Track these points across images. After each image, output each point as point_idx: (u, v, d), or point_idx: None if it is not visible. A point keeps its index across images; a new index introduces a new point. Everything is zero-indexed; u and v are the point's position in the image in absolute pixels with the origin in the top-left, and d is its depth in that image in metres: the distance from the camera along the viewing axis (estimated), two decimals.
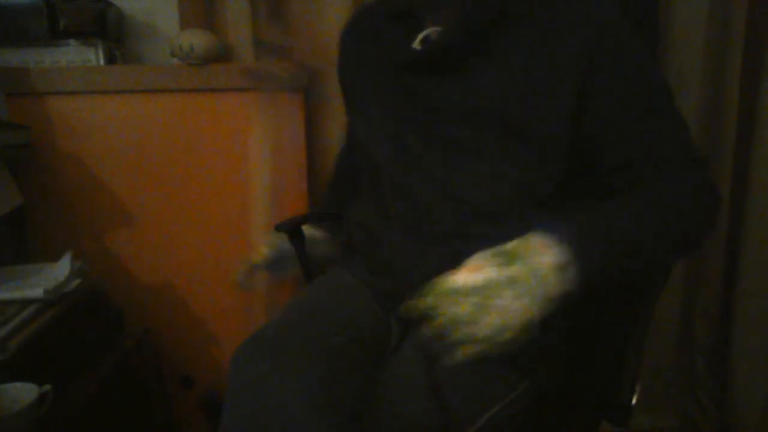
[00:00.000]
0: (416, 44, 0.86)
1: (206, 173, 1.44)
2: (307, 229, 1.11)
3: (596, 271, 0.67)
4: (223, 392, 0.75)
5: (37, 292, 1.12)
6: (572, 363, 0.88)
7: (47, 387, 0.98)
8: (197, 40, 1.38)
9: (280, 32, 1.56)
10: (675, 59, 1.53)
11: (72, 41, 1.40)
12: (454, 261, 0.69)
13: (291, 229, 1.29)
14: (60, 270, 1.22)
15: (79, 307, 1.21)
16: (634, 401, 0.89)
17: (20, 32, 1.37)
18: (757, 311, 1.57)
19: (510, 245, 0.67)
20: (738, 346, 1.61)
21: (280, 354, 0.74)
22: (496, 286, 0.63)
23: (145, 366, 1.42)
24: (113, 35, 1.47)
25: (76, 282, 1.22)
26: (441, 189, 0.83)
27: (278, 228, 1.29)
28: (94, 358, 1.24)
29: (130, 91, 1.41)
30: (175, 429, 1.54)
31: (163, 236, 1.46)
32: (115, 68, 1.44)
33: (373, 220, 0.93)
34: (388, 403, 0.76)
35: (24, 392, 0.97)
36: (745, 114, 1.54)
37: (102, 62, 1.42)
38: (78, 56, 1.41)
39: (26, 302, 1.11)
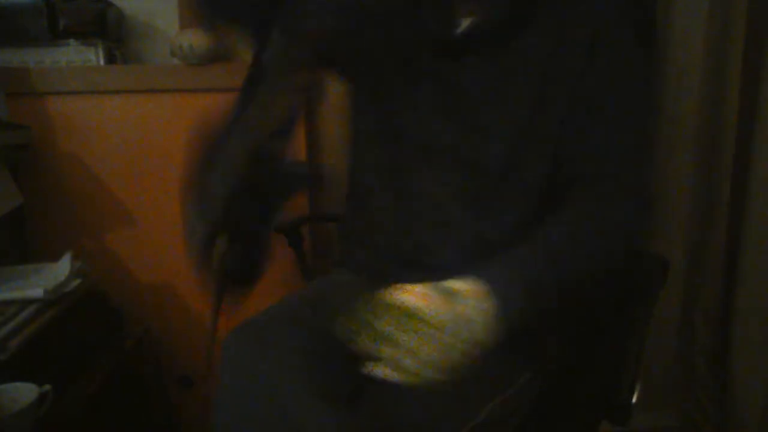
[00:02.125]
0: (462, 27, 0.84)
1: None
2: None
3: (515, 320, 0.67)
4: None
5: (37, 292, 1.12)
6: (573, 362, 0.89)
7: (47, 387, 0.98)
8: (197, 40, 1.38)
9: None
10: (675, 59, 1.53)
11: (72, 41, 1.39)
12: None
13: (291, 229, 1.29)
14: (60, 270, 1.22)
15: (79, 307, 1.21)
16: (634, 401, 0.89)
17: (20, 32, 1.37)
18: (757, 311, 1.57)
19: (449, 284, 0.66)
20: (738, 346, 1.61)
21: (270, 336, 0.75)
22: (435, 317, 0.62)
23: (145, 366, 1.42)
24: (113, 35, 1.47)
25: (76, 282, 1.22)
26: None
27: (277, 229, 1.29)
28: (94, 358, 1.24)
29: (130, 91, 1.41)
30: (175, 429, 1.54)
31: (163, 236, 1.46)
32: (115, 68, 1.44)
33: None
34: (385, 401, 0.76)
35: (24, 392, 0.97)
36: (745, 114, 1.54)
37: (102, 62, 1.42)
38: (78, 56, 1.41)
39: (26, 302, 1.11)
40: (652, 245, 1.59)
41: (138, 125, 1.43)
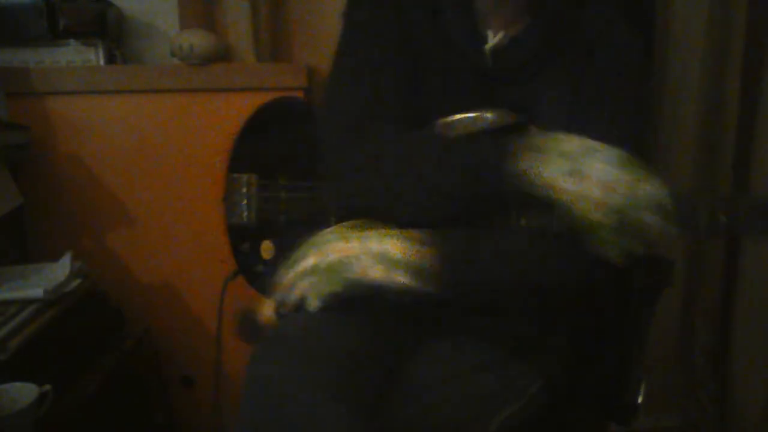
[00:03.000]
0: (489, 47, 0.83)
1: (206, 173, 1.44)
2: None
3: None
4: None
5: (37, 292, 1.12)
6: (579, 363, 0.89)
7: (47, 387, 0.98)
8: (197, 40, 1.38)
9: (280, 32, 1.57)
10: (675, 59, 1.53)
11: (72, 41, 1.39)
12: None
13: None
14: (60, 270, 1.22)
15: (79, 307, 1.21)
16: (639, 400, 0.89)
17: (20, 32, 1.37)
18: (757, 311, 1.57)
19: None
20: (738, 346, 1.61)
21: (300, 349, 0.72)
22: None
23: (145, 366, 1.42)
24: (113, 35, 1.47)
25: (76, 282, 1.22)
26: None
27: None
28: (94, 358, 1.24)
29: (130, 91, 1.41)
30: (175, 429, 1.54)
31: (163, 236, 1.46)
32: (115, 68, 1.44)
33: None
34: (410, 395, 0.75)
35: (24, 392, 0.96)
36: (745, 114, 1.54)
37: (102, 62, 1.42)
38: (78, 56, 1.41)
39: (26, 302, 1.11)
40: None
41: (138, 125, 1.42)
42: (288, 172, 0.90)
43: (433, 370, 0.79)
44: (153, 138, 1.43)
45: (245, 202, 0.96)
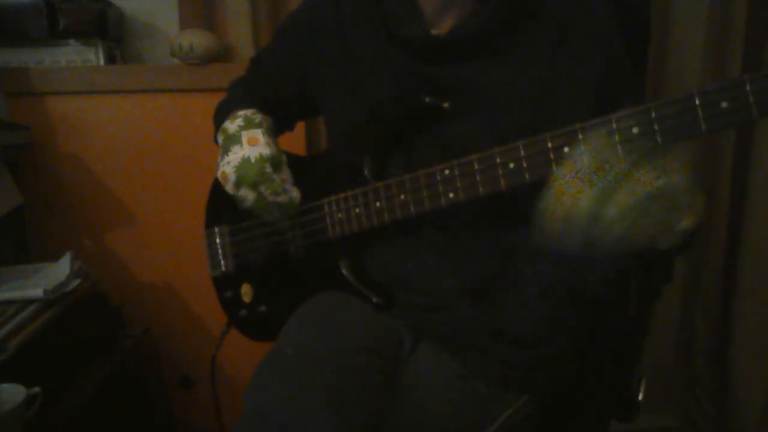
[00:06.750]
0: (436, 32, 0.82)
1: (206, 173, 1.44)
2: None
3: None
4: None
5: (37, 292, 1.12)
6: (580, 361, 0.89)
7: (36, 389, 0.97)
8: (197, 40, 1.38)
9: None
10: (675, 59, 1.53)
11: (72, 41, 1.40)
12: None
13: None
14: (60, 270, 1.22)
15: (79, 307, 1.21)
16: (640, 398, 0.90)
17: (20, 32, 1.38)
18: (757, 311, 1.57)
19: None
20: (738, 346, 1.61)
21: (301, 374, 0.72)
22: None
23: (145, 366, 1.42)
24: (113, 35, 1.47)
25: (76, 282, 1.22)
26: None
27: None
28: (94, 359, 1.24)
29: (130, 91, 1.41)
30: (174, 429, 1.54)
31: (163, 236, 1.46)
32: (115, 68, 1.44)
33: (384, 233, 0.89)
34: (408, 403, 0.75)
35: (12, 394, 0.95)
36: None
37: (102, 62, 1.42)
38: (78, 56, 1.41)
39: (26, 302, 1.11)
40: None
41: (138, 125, 1.42)
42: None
43: (429, 377, 0.79)
44: (153, 138, 1.43)
45: (221, 252, 1.02)
